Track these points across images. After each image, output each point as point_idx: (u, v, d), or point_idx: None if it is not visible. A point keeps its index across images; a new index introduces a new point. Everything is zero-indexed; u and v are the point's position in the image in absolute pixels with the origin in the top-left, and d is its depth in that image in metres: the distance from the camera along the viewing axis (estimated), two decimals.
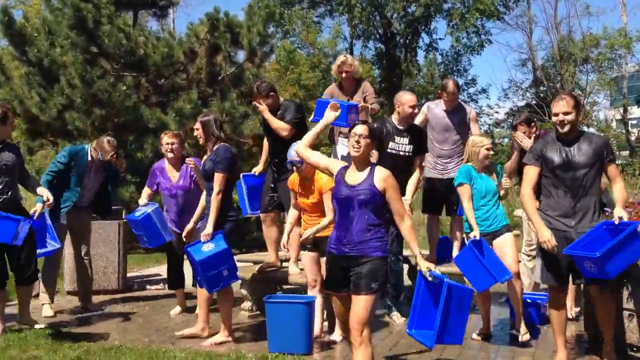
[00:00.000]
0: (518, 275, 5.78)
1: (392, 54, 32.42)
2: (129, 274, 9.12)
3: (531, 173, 5.11)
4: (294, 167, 5.69)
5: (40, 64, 11.11)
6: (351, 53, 34.72)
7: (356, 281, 4.19)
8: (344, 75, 7.07)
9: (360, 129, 4.37)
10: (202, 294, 5.93)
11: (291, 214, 6.00)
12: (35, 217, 6.02)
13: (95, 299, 7.73)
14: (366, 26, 31.82)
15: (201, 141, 6.02)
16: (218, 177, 5.71)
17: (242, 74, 12.22)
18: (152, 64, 11.21)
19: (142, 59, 11.20)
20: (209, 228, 5.72)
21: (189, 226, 6.35)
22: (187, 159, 6.79)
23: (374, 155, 5.76)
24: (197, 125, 5.98)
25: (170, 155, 6.96)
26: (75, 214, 7.03)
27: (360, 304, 4.15)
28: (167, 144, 6.94)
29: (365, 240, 4.23)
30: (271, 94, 6.43)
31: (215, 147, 5.85)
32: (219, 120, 6.04)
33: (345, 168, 4.47)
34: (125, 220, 8.42)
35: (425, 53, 33.78)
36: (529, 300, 6.31)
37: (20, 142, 12.14)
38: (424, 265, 4.32)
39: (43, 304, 7.09)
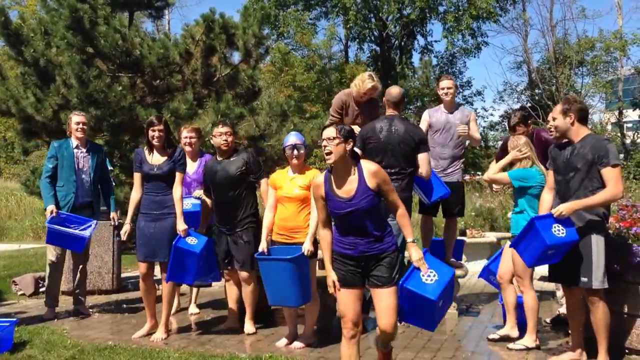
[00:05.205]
0: (508, 284, 5.95)
1: (388, 56, 32.49)
2: (123, 274, 9.13)
3: (548, 176, 5.30)
4: (295, 151, 5.84)
5: (36, 64, 11.10)
6: (346, 55, 34.80)
7: (379, 275, 4.22)
8: (366, 96, 6.84)
9: (328, 132, 4.21)
10: (166, 291, 6.20)
11: (268, 218, 5.94)
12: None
13: (90, 299, 7.74)
14: (361, 28, 31.85)
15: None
16: (181, 177, 6.21)
17: (237, 75, 12.20)
18: (147, 64, 11.20)
19: (138, 60, 11.20)
20: (182, 224, 6.04)
21: (126, 228, 6.31)
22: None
23: None
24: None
25: (188, 148, 7.05)
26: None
27: (388, 295, 4.21)
28: (186, 137, 7.08)
29: (380, 238, 4.23)
30: None
31: (174, 150, 6.28)
32: None
33: (327, 178, 4.30)
34: (120, 221, 8.40)
35: (421, 55, 33.87)
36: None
37: (15, 142, 12.15)
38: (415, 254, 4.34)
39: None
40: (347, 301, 4.32)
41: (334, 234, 4.39)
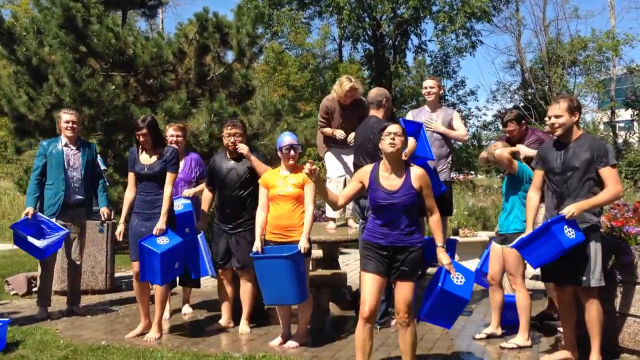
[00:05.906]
0: (498, 286, 6.03)
1: (381, 55, 32.44)
2: (116, 274, 9.11)
3: (535, 176, 5.32)
4: (292, 151, 5.84)
5: (29, 63, 11.05)
6: (340, 54, 34.78)
7: (403, 269, 4.61)
8: (349, 98, 6.94)
9: (395, 127, 4.67)
10: (159, 291, 6.09)
11: (261, 217, 5.92)
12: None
13: (83, 299, 7.72)
14: (355, 27, 31.80)
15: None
16: (172, 177, 6.13)
17: (231, 74, 12.17)
18: (141, 63, 11.17)
19: (131, 59, 11.16)
20: (161, 224, 5.95)
21: (120, 228, 6.29)
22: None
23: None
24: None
25: (174, 147, 6.95)
26: (68, 214, 7.01)
27: (408, 289, 4.62)
28: (172, 135, 6.98)
29: (411, 232, 4.63)
30: None
31: (165, 148, 6.22)
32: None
33: (375, 169, 4.76)
34: (114, 221, 8.40)
35: (414, 55, 33.87)
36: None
37: (8, 141, 12.08)
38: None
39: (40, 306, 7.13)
40: (371, 287, 4.64)
41: (367, 225, 4.80)
